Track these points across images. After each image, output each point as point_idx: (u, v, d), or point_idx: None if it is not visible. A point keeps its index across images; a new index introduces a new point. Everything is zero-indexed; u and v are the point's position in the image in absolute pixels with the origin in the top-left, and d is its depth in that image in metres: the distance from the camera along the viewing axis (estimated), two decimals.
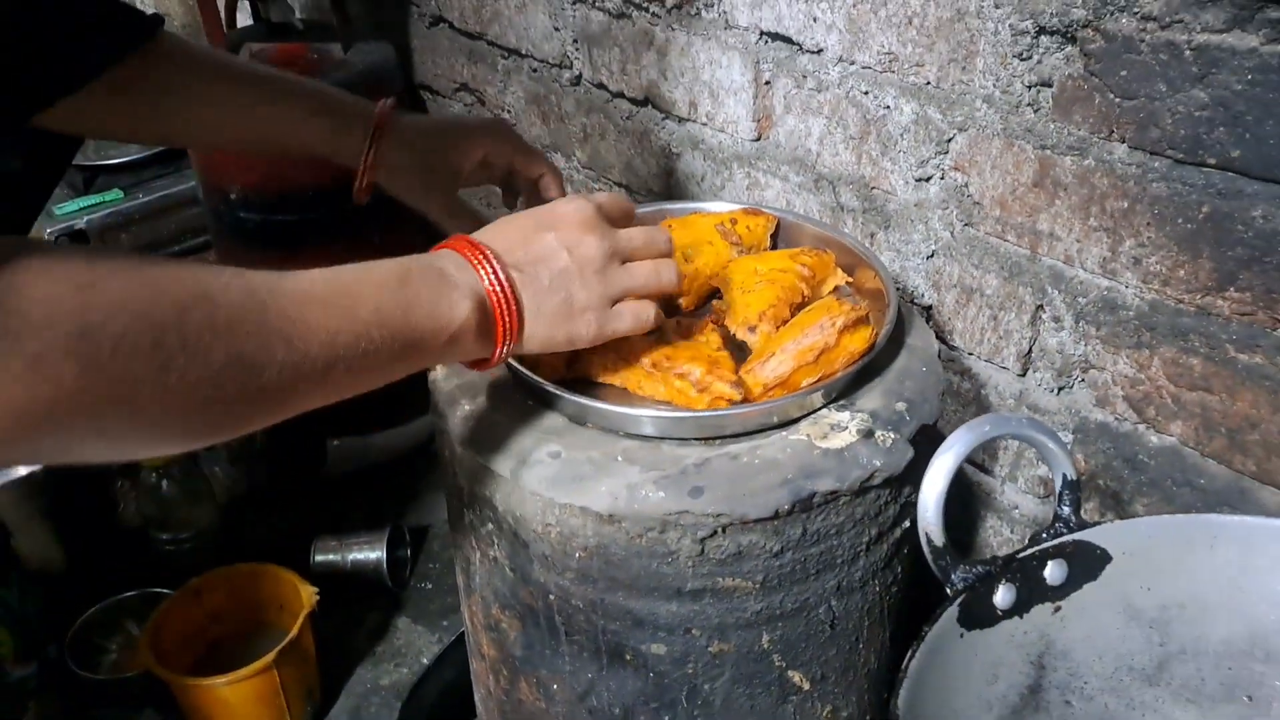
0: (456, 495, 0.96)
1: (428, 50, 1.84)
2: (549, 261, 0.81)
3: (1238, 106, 0.86)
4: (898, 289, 1.02)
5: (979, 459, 1.21)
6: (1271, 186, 0.87)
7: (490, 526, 0.92)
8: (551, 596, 0.90)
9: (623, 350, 0.92)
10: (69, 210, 2.18)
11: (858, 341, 0.90)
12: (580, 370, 0.94)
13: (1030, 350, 1.11)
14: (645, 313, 0.86)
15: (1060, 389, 1.10)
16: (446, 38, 1.77)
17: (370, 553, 1.68)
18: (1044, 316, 1.08)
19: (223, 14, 1.70)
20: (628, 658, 0.90)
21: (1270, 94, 0.84)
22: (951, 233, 1.13)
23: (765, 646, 0.89)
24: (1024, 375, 1.13)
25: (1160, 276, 0.97)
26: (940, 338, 1.19)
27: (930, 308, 1.19)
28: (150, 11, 1.03)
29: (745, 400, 0.88)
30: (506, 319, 0.79)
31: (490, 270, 0.79)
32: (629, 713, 0.93)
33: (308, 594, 1.44)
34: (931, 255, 1.16)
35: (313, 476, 1.91)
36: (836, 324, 0.88)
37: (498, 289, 0.78)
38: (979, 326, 1.15)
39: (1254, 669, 0.74)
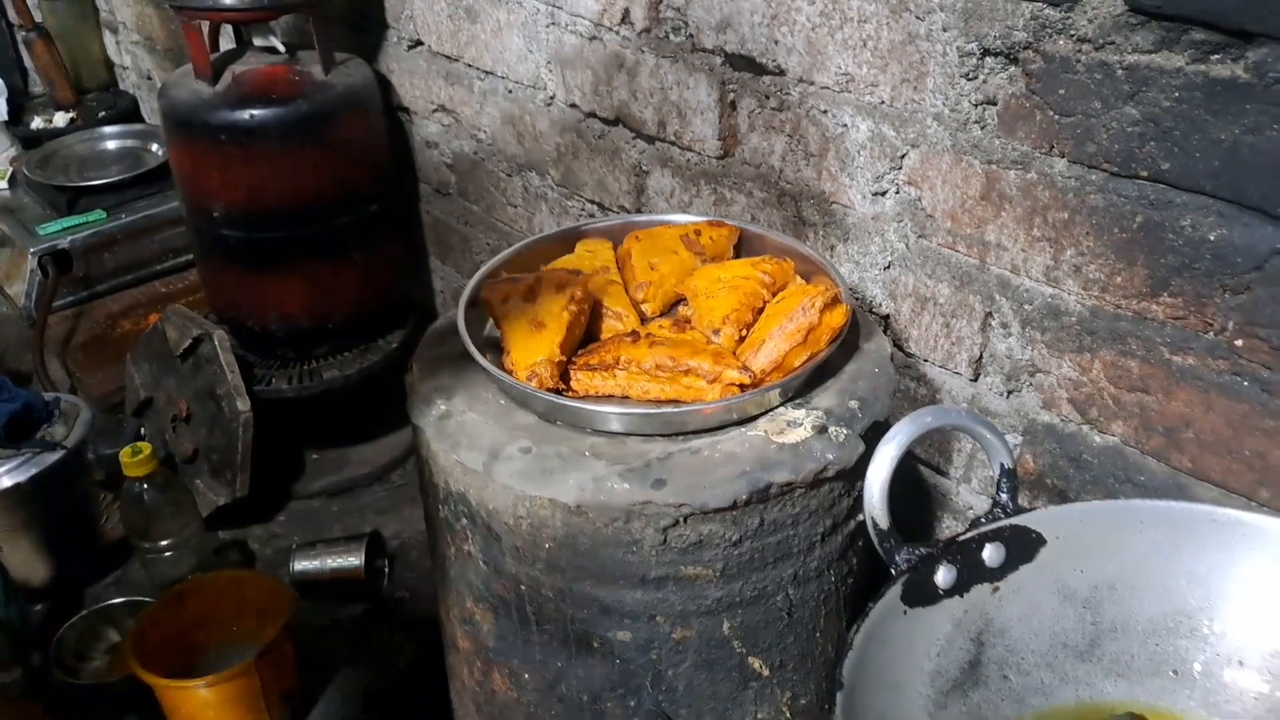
0: (432, 493, 1.00)
1: (406, 73, 1.89)
2: None
3: (1166, 122, 0.92)
4: (855, 298, 1.08)
5: (935, 461, 1.27)
6: (1199, 197, 0.93)
7: (464, 521, 0.96)
8: (523, 587, 0.95)
9: (622, 362, 0.95)
10: (53, 230, 2.22)
11: (838, 318, 0.96)
12: (578, 389, 0.97)
13: (981, 356, 1.17)
14: None
15: (1010, 393, 1.15)
16: (424, 60, 1.83)
17: (349, 560, 1.72)
18: (993, 323, 1.14)
19: (206, 38, 1.75)
20: (595, 645, 0.95)
21: (1195, 110, 0.90)
22: (906, 244, 1.19)
23: (726, 633, 0.94)
24: (976, 380, 1.18)
25: (1099, 283, 1.03)
26: (898, 345, 1.24)
27: (888, 317, 1.24)
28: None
29: (755, 384, 0.93)
30: None
31: None
32: (596, 699, 0.98)
33: (288, 599, 1.47)
34: (888, 266, 1.22)
35: (292, 489, 1.95)
36: (817, 304, 0.94)
37: None
38: (933, 334, 1.20)
39: (1179, 644, 0.79)
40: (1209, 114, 0.90)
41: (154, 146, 2.50)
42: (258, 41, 1.74)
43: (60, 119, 2.80)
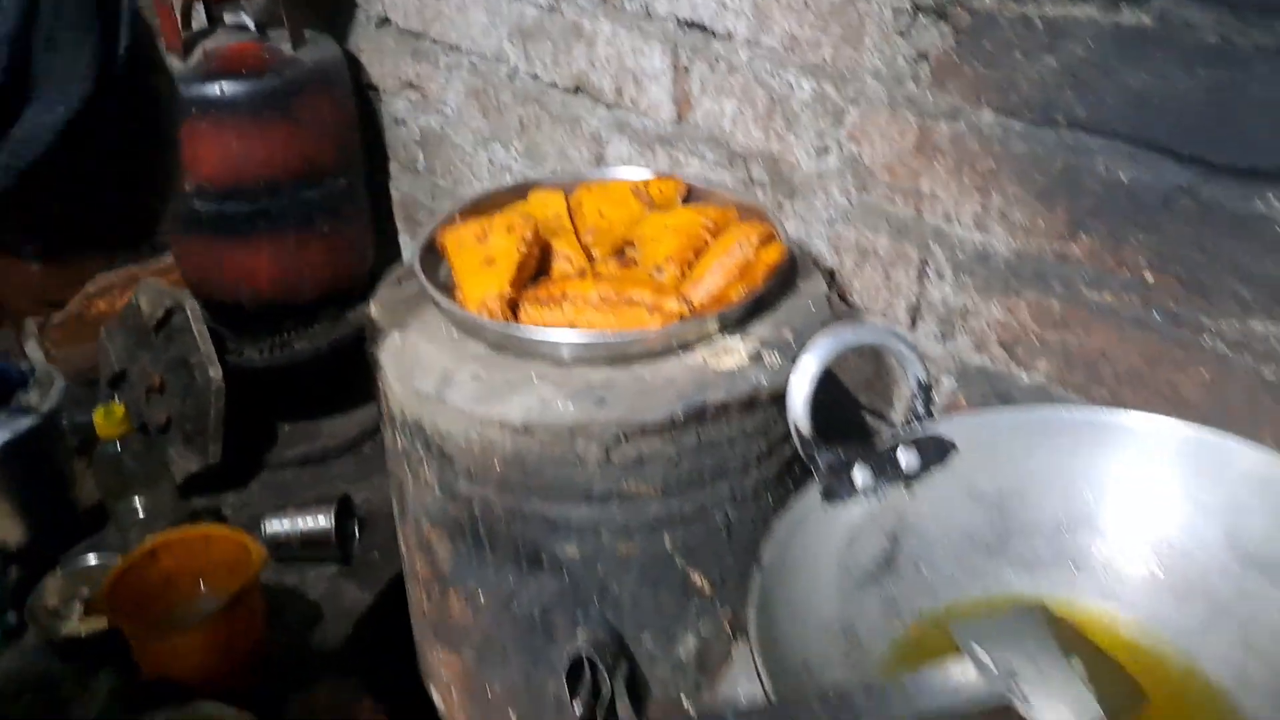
0: (390, 424, 1.06)
1: (374, 51, 1.95)
2: None
3: (1081, 71, 0.99)
4: (801, 251, 1.14)
5: (876, 406, 1.32)
6: (1112, 141, 0.99)
7: (420, 449, 1.02)
8: (475, 508, 1.00)
9: (569, 295, 1.01)
10: None
11: (773, 254, 1.01)
12: (526, 321, 1.03)
13: (918, 303, 1.22)
14: None
15: (944, 337, 1.21)
16: (392, 37, 1.88)
17: (320, 522, 1.76)
18: (929, 271, 1.20)
19: (179, 16, 1.79)
20: (544, 561, 1.00)
21: (1107, 58, 0.96)
22: (849, 199, 1.25)
23: (668, 549, 0.99)
24: (914, 327, 1.24)
25: (1024, 228, 1.09)
26: (842, 298, 1.30)
27: (833, 271, 1.30)
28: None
29: (694, 315, 0.99)
30: None
31: None
32: (547, 613, 1.03)
33: (258, 553, 1.52)
34: (832, 221, 1.28)
35: (264, 459, 1.99)
36: (753, 240, 1.00)
37: None
38: (874, 285, 1.26)
39: (1078, 541, 0.85)
40: (1118, 61, 0.96)
41: None
42: (229, 19, 1.79)
43: None
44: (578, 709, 1.01)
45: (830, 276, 1.31)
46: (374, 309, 1.09)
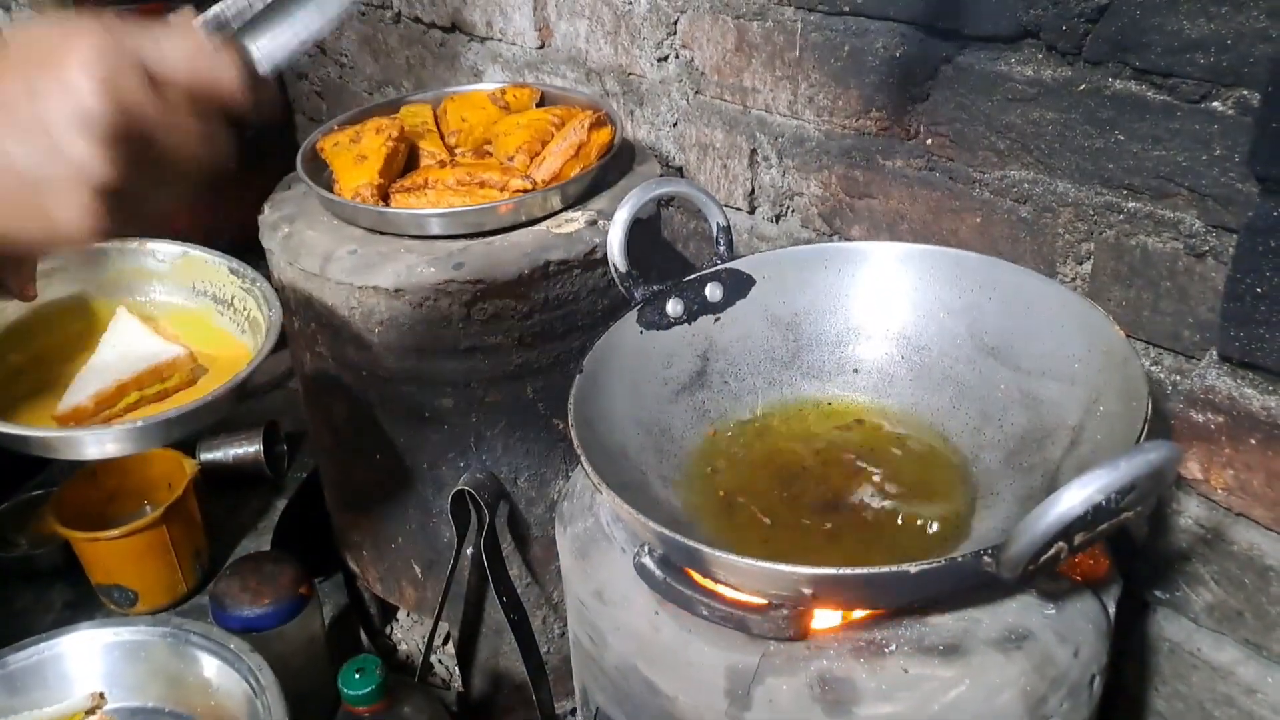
0: (287, 310, 1.21)
1: None
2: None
3: None
4: (651, 151, 1.30)
5: None
6: (886, 23, 1.16)
7: (312, 325, 1.18)
8: (364, 373, 1.16)
9: (430, 182, 1.17)
10: None
11: (604, 135, 1.18)
12: (397, 205, 1.19)
13: (753, 189, 1.40)
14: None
15: (778, 218, 1.38)
16: None
17: (249, 447, 1.91)
18: (758, 159, 1.37)
19: None
20: (427, 415, 1.16)
21: None
22: (687, 100, 1.41)
23: (530, 396, 1.16)
24: (752, 213, 1.41)
25: (828, 109, 1.26)
26: None
27: (681, 169, 1.47)
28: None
29: (535, 190, 1.15)
30: None
31: None
32: (434, 466, 1.19)
33: (190, 465, 1.66)
34: (675, 123, 1.44)
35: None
36: (585, 124, 1.17)
37: None
38: (715, 176, 1.43)
39: (856, 350, 1.02)
40: None
41: None
42: None
43: None
44: (464, 543, 1.17)
45: (680, 173, 1.47)
46: (266, 210, 1.24)
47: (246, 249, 2.07)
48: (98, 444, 0.93)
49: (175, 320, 1.10)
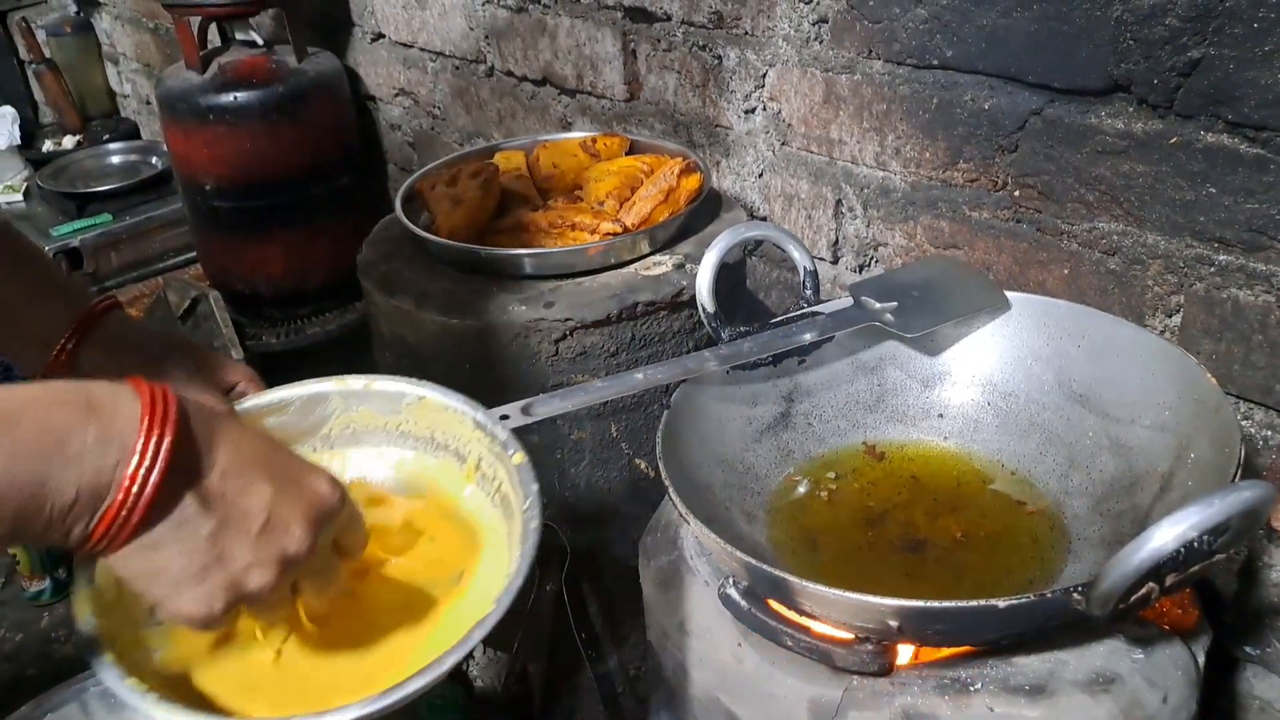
0: (378, 343, 1.25)
1: (370, 64, 2.16)
2: (242, 516, 0.62)
3: (945, 16, 1.17)
4: (739, 203, 1.33)
5: None
6: (975, 76, 1.17)
7: (406, 363, 1.21)
8: None
9: (523, 224, 1.21)
10: (64, 232, 2.49)
11: (693, 182, 1.21)
12: (489, 241, 1.22)
13: (837, 240, 1.41)
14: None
15: (861, 268, 1.40)
16: (385, 50, 2.10)
17: None
18: (843, 209, 1.38)
19: (196, 35, 2.01)
20: None
21: (968, 4, 1.15)
22: (773, 151, 1.44)
23: (614, 435, 1.18)
24: (835, 262, 1.43)
25: (914, 160, 1.27)
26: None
27: (766, 218, 1.49)
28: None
29: (626, 233, 1.18)
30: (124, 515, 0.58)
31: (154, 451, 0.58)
32: None
33: None
34: (761, 174, 1.47)
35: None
36: (675, 170, 1.20)
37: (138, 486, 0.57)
38: (800, 227, 1.45)
39: (941, 394, 1.03)
40: (973, 4, 1.14)
41: (153, 159, 2.76)
42: (239, 37, 2.01)
43: (68, 142, 3.07)
44: (545, 579, 1.19)
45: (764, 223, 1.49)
46: (364, 249, 1.29)
47: (337, 288, 2.13)
48: None
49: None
